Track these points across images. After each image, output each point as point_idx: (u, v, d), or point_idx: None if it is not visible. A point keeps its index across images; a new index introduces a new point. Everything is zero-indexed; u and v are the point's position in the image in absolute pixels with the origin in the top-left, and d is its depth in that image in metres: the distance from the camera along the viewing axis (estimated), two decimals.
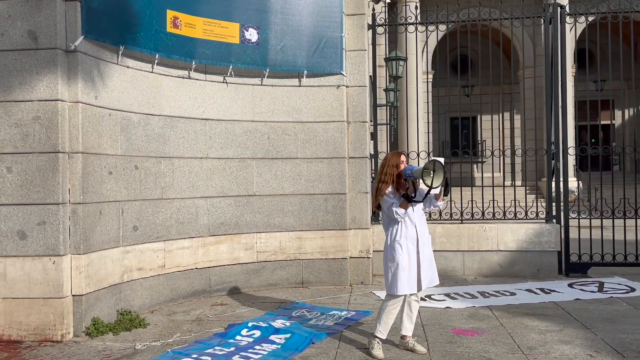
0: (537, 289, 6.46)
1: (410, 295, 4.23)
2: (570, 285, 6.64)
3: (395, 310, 4.16)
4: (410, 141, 17.82)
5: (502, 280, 6.98)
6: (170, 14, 5.76)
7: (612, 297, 6.01)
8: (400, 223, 4.12)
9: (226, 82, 6.38)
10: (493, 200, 7.57)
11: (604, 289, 6.40)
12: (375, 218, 7.25)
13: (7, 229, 4.67)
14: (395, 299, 4.12)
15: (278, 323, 4.98)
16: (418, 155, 7.92)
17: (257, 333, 4.70)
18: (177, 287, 5.96)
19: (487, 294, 6.20)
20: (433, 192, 4.04)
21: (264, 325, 4.87)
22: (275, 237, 6.66)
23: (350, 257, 6.81)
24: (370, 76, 8.39)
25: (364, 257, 6.88)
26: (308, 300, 6.04)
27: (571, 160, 20.66)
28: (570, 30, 7.51)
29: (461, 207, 7.48)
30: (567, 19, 7.54)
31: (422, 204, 4.16)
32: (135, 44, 5.42)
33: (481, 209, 7.49)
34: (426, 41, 11.65)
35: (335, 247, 6.76)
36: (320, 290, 6.55)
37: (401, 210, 4.03)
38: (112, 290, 5.18)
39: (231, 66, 6.29)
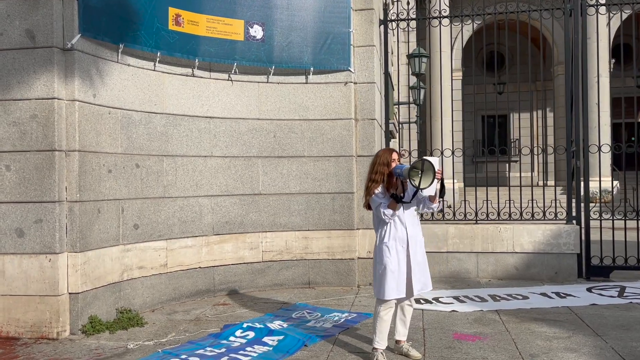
0: (552, 292, 6.17)
1: (403, 300, 4.06)
2: (588, 289, 6.32)
3: (388, 317, 3.98)
4: (437, 140, 17.49)
5: (517, 284, 6.71)
6: (172, 11, 5.73)
7: (631, 302, 5.68)
8: (389, 224, 3.95)
9: (231, 80, 6.32)
10: (509, 200, 7.28)
11: (625, 294, 6.06)
12: None
13: (6, 227, 4.71)
14: (385, 304, 3.95)
15: (275, 324, 4.88)
16: (442, 152, 7.68)
17: (251, 334, 4.62)
18: (180, 286, 5.94)
19: (498, 297, 5.96)
20: (426, 192, 3.85)
21: (259, 326, 4.77)
22: (281, 237, 6.57)
23: (358, 258, 6.66)
24: (387, 73, 8.23)
25: (372, 258, 6.69)
26: (312, 301, 5.92)
27: (606, 159, 19.97)
28: (607, 24, 7.13)
29: (475, 207, 7.24)
30: (589, 10, 7.19)
31: (420, 203, 3.98)
32: (135, 42, 5.41)
33: (497, 209, 7.23)
34: (455, 36, 11.38)
35: (343, 247, 6.62)
36: (326, 291, 6.42)
37: (389, 211, 3.86)
38: (111, 288, 5.18)
39: (236, 63, 6.23)
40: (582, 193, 7.04)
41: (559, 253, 6.89)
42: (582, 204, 7.03)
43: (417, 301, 5.81)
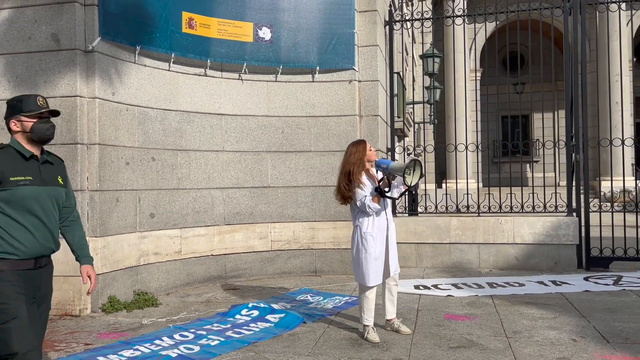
0: (549, 281, 6.40)
1: (390, 281, 4.36)
2: (585, 278, 6.52)
3: (373, 296, 4.27)
4: (454, 138, 17.69)
5: (517, 273, 6.94)
6: (185, 15, 6.15)
7: (624, 289, 5.88)
8: (373, 214, 4.23)
9: (241, 79, 6.71)
10: (510, 193, 7.52)
11: (620, 282, 6.25)
12: (392, 211, 7.38)
13: None
14: (370, 289, 4.24)
15: (278, 305, 5.24)
16: (456, 147, 7.96)
17: (255, 313, 4.98)
18: (193, 272, 6.34)
19: (495, 285, 6.21)
20: (399, 182, 4.15)
21: (263, 306, 5.13)
22: (289, 227, 6.93)
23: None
24: (397, 73, 8.53)
25: None
26: (317, 287, 6.26)
27: (629, 155, 19.84)
28: (627, 23, 7.27)
29: (478, 200, 7.49)
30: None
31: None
32: (151, 44, 5.84)
33: (498, 202, 7.47)
34: (473, 37, 11.60)
35: (347, 237, 6.93)
36: (331, 278, 6.75)
37: (375, 206, 4.12)
38: (129, 272, 5.60)
39: (245, 64, 6.62)
40: (582, 186, 7.23)
41: (559, 244, 7.10)
42: (582, 197, 7.22)
43: (417, 287, 6.11)
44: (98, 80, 5.25)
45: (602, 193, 9.08)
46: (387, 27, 7.81)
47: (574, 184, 7.26)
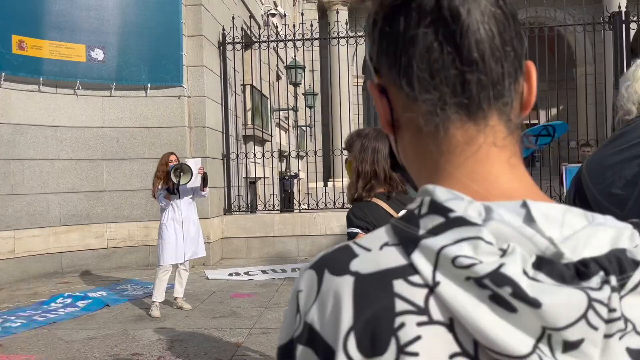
0: None
1: (180, 265, 5.41)
2: None
3: (165, 278, 5.31)
4: (336, 142, 19.07)
5: None
6: (15, 38, 6.82)
7: None
8: (169, 208, 5.30)
9: (76, 94, 7.47)
10: (325, 193, 8.85)
11: None
12: (228, 209, 8.45)
13: None
14: (162, 268, 5.27)
15: (96, 294, 6.11)
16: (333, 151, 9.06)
17: (69, 300, 5.83)
18: (29, 269, 7.03)
19: (296, 269, 7.45)
20: (190, 185, 5.23)
21: (78, 294, 5.99)
22: (125, 227, 7.79)
23: None
24: (251, 86, 9.55)
25: (209, 242, 8.03)
26: (144, 278, 7.17)
27: None
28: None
29: (299, 199, 8.75)
30: None
31: (192, 192, 5.36)
32: None
33: (316, 200, 8.77)
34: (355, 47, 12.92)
35: None
36: None
37: (164, 201, 5.21)
38: None
39: (79, 81, 7.39)
40: None
41: None
42: None
43: (230, 275, 7.20)
44: None
45: None
46: (221, 48, 8.85)
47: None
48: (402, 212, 1.46)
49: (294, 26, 9.30)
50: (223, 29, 8.87)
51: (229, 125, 9.13)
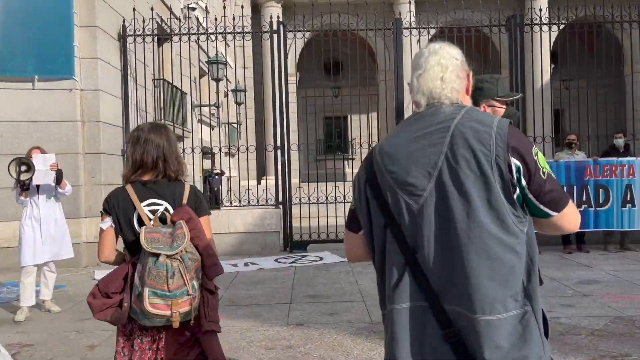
0: (245, 263, 7.64)
1: (44, 267, 5.14)
2: (276, 259, 7.89)
3: (29, 280, 5.02)
4: (269, 139, 18.88)
5: (229, 258, 8.12)
6: None
7: (292, 265, 7.30)
8: (28, 206, 5.02)
9: None
10: (230, 190, 8.72)
11: (301, 260, 7.70)
12: None
13: None
14: (24, 270, 4.99)
15: None
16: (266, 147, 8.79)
17: None
18: None
19: None
20: (39, 181, 4.95)
21: None
22: (9, 226, 7.33)
23: (85, 242, 7.65)
24: (163, 79, 9.22)
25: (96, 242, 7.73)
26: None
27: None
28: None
29: (221, 195, 8.57)
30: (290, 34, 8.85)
31: (53, 190, 5.09)
32: None
33: (220, 197, 8.62)
34: (291, 44, 12.72)
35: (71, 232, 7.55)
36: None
37: (19, 198, 4.93)
38: None
39: None
40: (287, 183, 8.66)
41: (265, 232, 8.44)
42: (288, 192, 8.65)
43: None
44: None
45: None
46: (122, 40, 8.53)
47: (280, 181, 8.66)
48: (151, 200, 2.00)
49: (215, 19, 9.03)
50: (124, 21, 8.55)
51: (129, 121, 8.82)
